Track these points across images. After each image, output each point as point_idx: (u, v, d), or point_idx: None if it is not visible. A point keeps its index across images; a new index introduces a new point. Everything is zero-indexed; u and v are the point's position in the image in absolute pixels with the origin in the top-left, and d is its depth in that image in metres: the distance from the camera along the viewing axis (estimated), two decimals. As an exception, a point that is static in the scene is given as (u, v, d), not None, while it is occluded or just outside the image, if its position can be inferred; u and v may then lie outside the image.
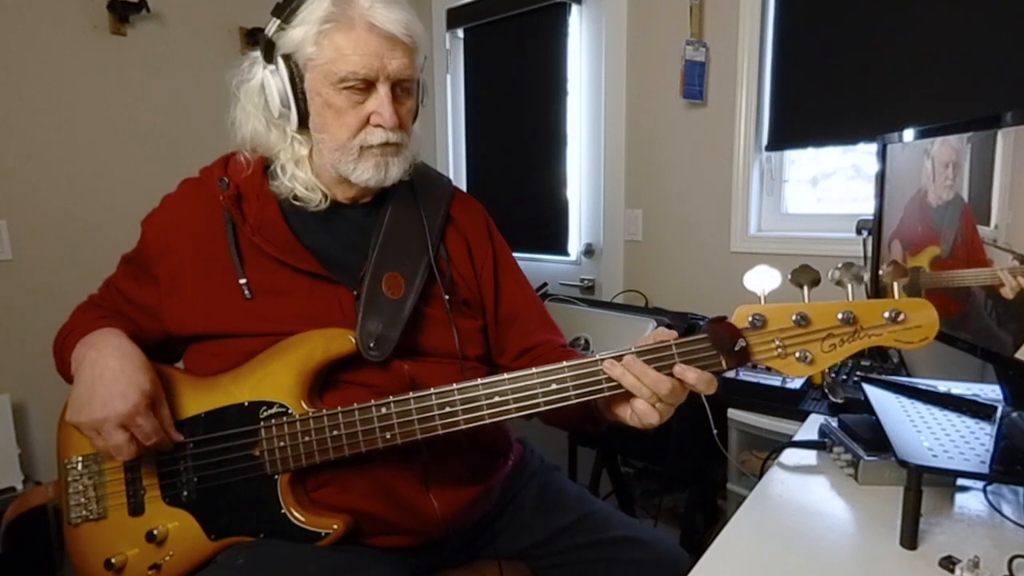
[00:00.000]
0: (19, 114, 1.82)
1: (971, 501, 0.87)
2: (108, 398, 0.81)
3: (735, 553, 0.78)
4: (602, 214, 2.28)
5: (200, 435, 0.88)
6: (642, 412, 0.77)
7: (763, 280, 0.75)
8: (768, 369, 0.78)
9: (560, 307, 1.88)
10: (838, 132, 1.75)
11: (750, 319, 0.75)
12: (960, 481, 0.89)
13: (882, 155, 1.19)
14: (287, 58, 0.87)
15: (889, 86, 1.63)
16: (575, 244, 2.44)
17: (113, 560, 0.87)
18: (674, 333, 0.78)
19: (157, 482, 0.89)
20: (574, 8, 2.30)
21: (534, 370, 0.78)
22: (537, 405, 0.78)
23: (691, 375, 0.75)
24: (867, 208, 1.32)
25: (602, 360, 0.77)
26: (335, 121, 0.88)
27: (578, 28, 2.31)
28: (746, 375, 1.55)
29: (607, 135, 2.21)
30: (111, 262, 1.03)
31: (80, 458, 0.91)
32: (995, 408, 0.95)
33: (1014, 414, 0.94)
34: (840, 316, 0.72)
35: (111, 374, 0.82)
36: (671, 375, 0.75)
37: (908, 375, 1.47)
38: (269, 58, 0.90)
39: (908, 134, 1.11)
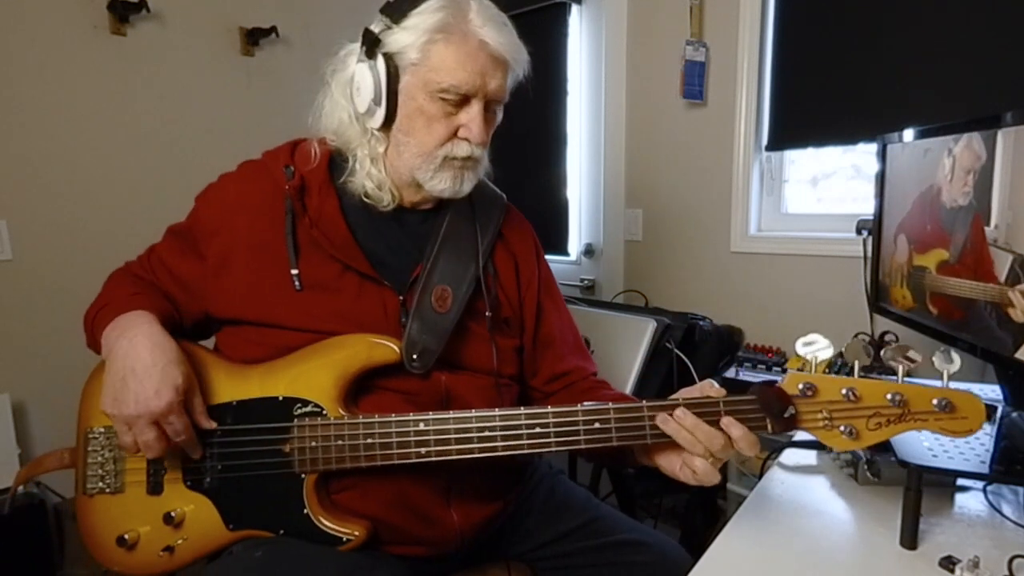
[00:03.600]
0: (19, 114, 1.81)
1: (971, 501, 0.87)
2: (142, 394, 0.80)
3: (735, 553, 0.78)
4: (602, 214, 2.28)
5: (229, 423, 0.87)
6: (703, 471, 0.76)
7: (815, 349, 0.77)
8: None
9: (560, 307, 1.87)
10: (838, 132, 1.75)
11: (800, 387, 0.75)
12: (960, 481, 0.89)
13: (882, 155, 1.19)
14: (388, 57, 0.86)
15: (889, 86, 1.63)
16: (575, 244, 2.44)
17: (127, 536, 0.86)
18: (723, 391, 0.78)
19: (180, 464, 0.88)
20: (574, 8, 2.30)
21: (580, 407, 0.79)
22: (578, 443, 0.78)
23: (736, 430, 0.75)
24: (867, 208, 1.33)
25: (653, 413, 0.77)
26: (424, 127, 0.87)
27: (578, 28, 2.31)
28: (745, 375, 1.55)
29: (607, 135, 2.21)
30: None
31: (103, 429, 0.89)
32: (995, 408, 0.95)
33: (1014, 414, 0.94)
34: (889, 397, 0.72)
35: (143, 367, 0.81)
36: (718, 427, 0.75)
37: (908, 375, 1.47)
38: (371, 54, 0.88)
39: (908, 134, 1.11)
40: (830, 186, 1.89)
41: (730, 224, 1.95)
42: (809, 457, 1.03)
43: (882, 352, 0.75)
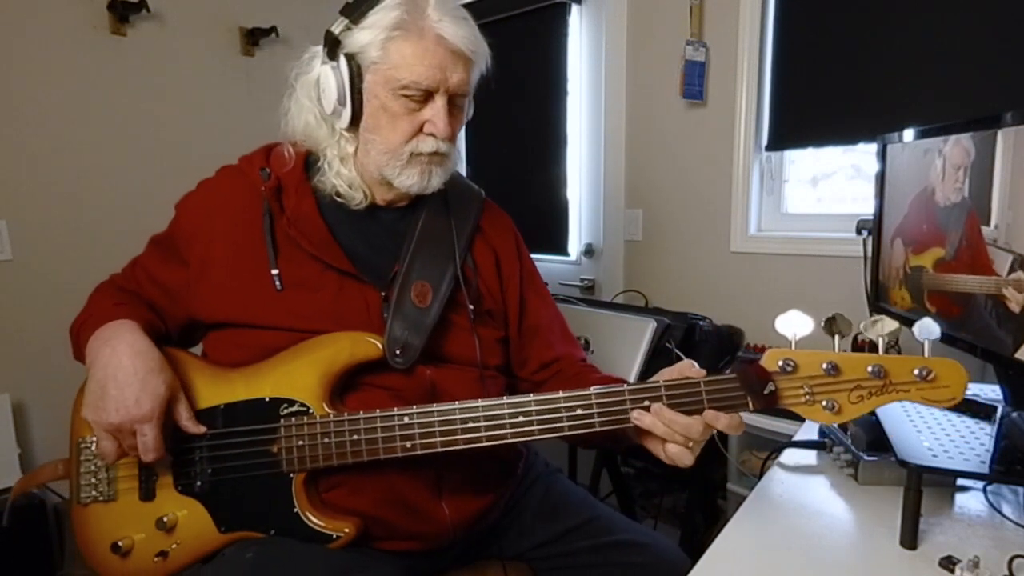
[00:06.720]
0: (19, 114, 1.82)
1: (971, 501, 0.87)
2: (122, 401, 0.81)
3: (735, 553, 0.78)
4: (602, 214, 2.28)
5: (218, 427, 0.87)
6: (677, 455, 0.77)
7: (795, 325, 0.77)
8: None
9: (560, 307, 1.87)
10: (838, 132, 1.75)
11: (780, 363, 0.75)
12: (960, 481, 0.89)
13: (882, 155, 1.19)
14: (350, 57, 0.87)
15: (889, 86, 1.63)
16: (575, 244, 2.44)
17: (120, 543, 0.86)
18: (702, 372, 0.78)
19: (170, 470, 0.88)
20: (574, 8, 2.30)
21: (561, 394, 0.78)
22: (561, 429, 0.78)
23: (723, 421, 0.75)
24: (867, 208, 1.32)
25: (634, 398, 0.77)
26: (389, 125, 0.88)
27: (578, 28, 2.31)
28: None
29: (607, 135, 2.21)
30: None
31: (95, 438, 0.89)
32: (995, 408, 0.95)
33: (1014, 414, 0.94)
34: (870, 369, 0.72)
35: (124, 375, 0.82)
36: (699, 415, 0.75)
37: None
38: (332, 55, 0.89)
39: (908, 134, 1.11)
40: (830, 186, 1.89)
41: (730, 224, 1.95)
42: (809, 457, 1.03)
43: (861, 325, 0.75)
